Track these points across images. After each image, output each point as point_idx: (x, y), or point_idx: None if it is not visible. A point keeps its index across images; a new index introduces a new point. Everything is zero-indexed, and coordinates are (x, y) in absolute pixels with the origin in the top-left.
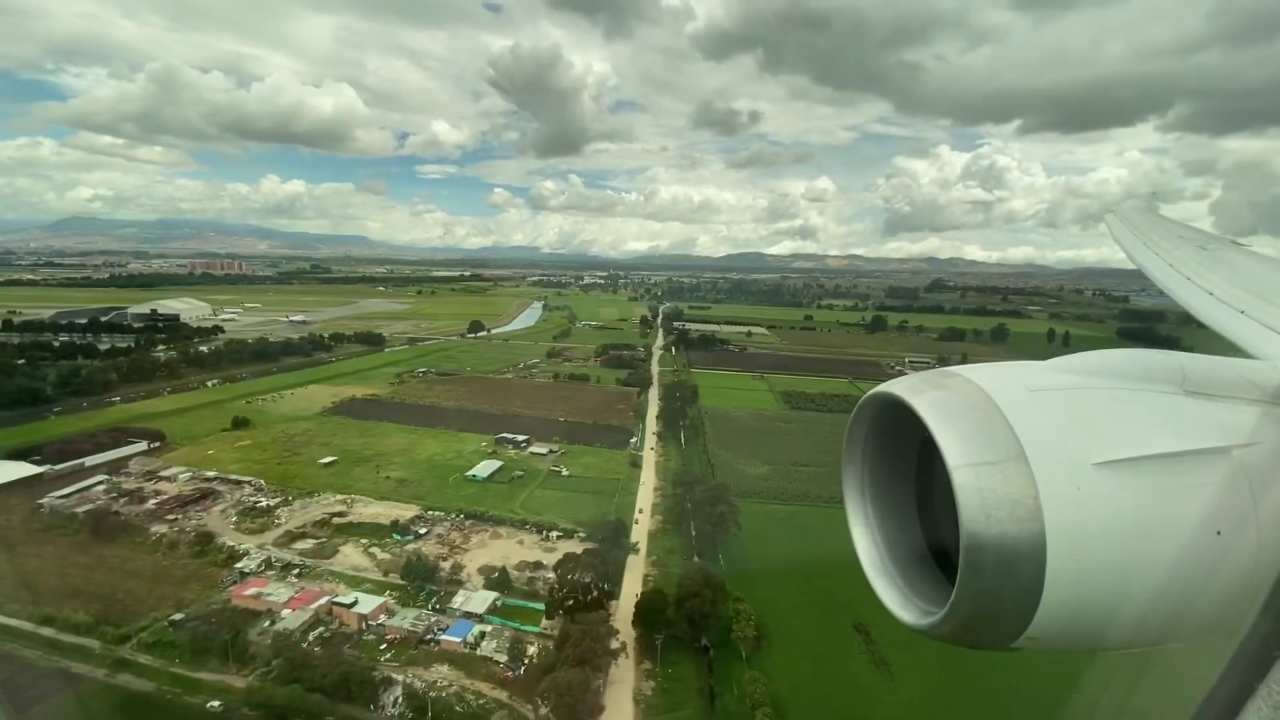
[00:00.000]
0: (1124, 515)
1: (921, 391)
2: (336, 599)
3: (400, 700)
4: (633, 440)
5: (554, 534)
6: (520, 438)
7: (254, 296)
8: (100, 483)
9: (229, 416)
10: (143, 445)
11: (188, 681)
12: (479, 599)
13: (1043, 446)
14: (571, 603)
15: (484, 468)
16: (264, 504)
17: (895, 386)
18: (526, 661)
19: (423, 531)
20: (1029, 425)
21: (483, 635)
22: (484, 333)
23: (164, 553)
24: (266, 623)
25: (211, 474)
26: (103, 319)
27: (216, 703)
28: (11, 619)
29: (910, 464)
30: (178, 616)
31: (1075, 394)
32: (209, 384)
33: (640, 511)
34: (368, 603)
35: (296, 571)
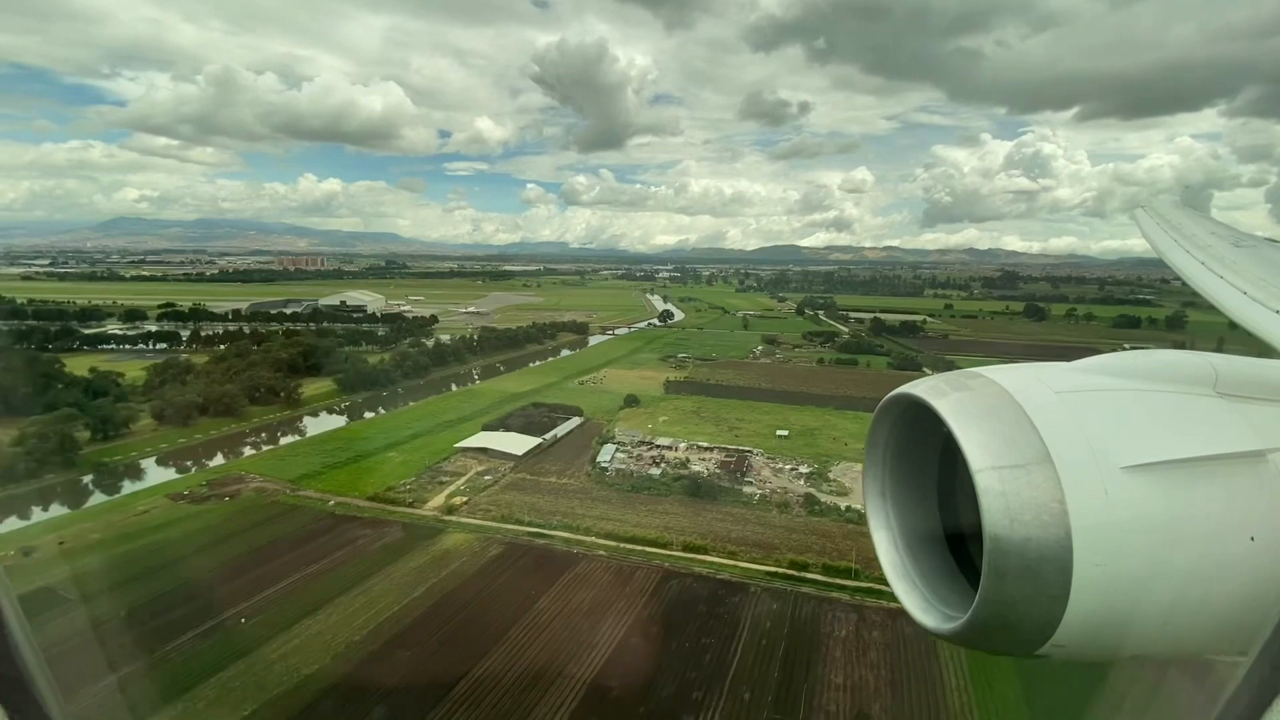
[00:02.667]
0: (1153, 520)
1: (944, 394)
2: None
3: None
4: None
5: None
6: None
7: (379, 291)
8: (615, 451)
9: (574, 396)
10: (578, 420)
11: None
12: None
13: (1069, 449)
14: None
15: None
16: (799, 470)
17: (917, 388)
18: None
19: None
20: (1055, 428)
21: None
22: (672, 321)
23: (779, 511)
24: None
25: (704, 444)
26: (288, 310)
27: None
28: (770, 566)
29: (932, 467)
30: None
31: (1103, 396)
32: (474, 371)
33: None
34: None
35: None
